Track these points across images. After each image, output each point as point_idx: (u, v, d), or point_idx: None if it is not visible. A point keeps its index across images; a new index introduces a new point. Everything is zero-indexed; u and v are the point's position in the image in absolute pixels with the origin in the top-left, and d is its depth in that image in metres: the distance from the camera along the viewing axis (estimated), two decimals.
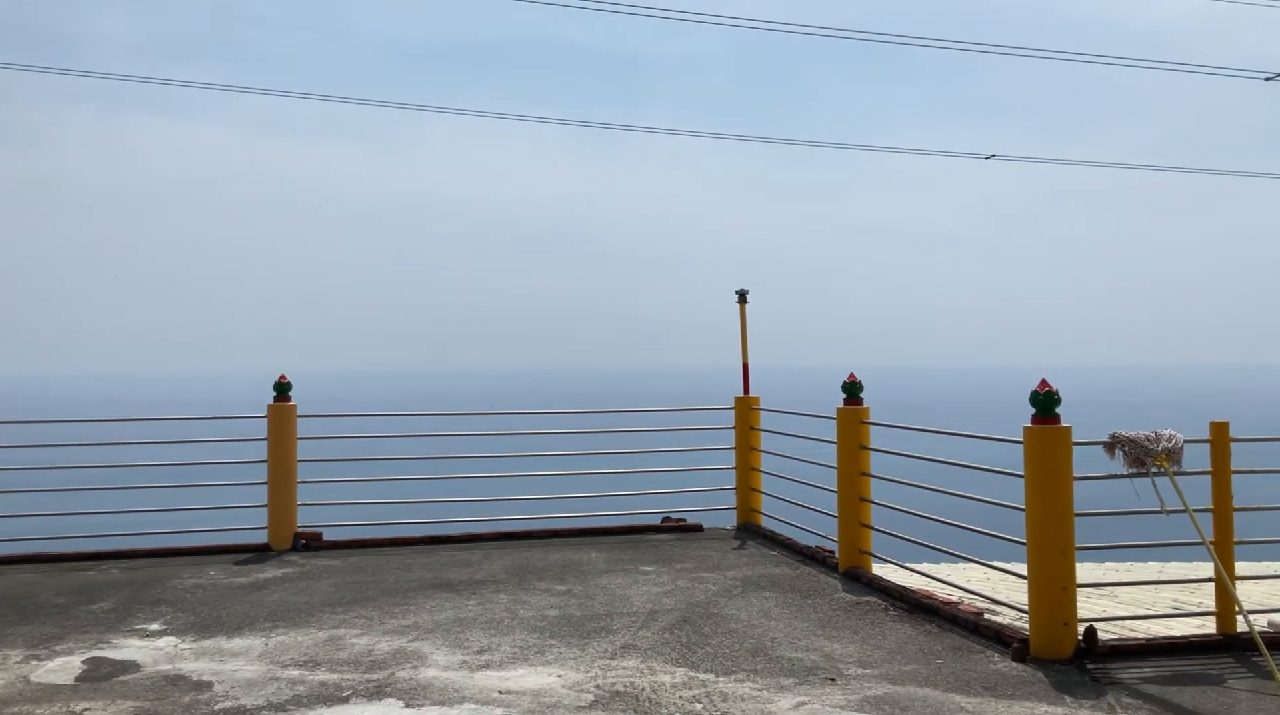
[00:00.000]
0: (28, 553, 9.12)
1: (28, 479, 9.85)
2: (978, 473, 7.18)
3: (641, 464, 10.78)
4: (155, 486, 9.85)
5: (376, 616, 6.99)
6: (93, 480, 9.88)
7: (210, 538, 9.58)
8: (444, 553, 9.26)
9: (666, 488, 11.03)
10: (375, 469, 10.62)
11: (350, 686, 5.48)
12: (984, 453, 7.26)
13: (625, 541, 9.76)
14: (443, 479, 10.77)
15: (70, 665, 5.93)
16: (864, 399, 8.35)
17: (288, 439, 9.52)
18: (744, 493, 10.35)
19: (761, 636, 6.42)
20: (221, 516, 9.81)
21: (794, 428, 9.78)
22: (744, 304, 10.35)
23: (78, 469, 9.88)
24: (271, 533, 9.46)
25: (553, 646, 6.22)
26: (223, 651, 6.18)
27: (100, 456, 10.14)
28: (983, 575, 9.68)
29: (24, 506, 9.75)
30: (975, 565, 8.40)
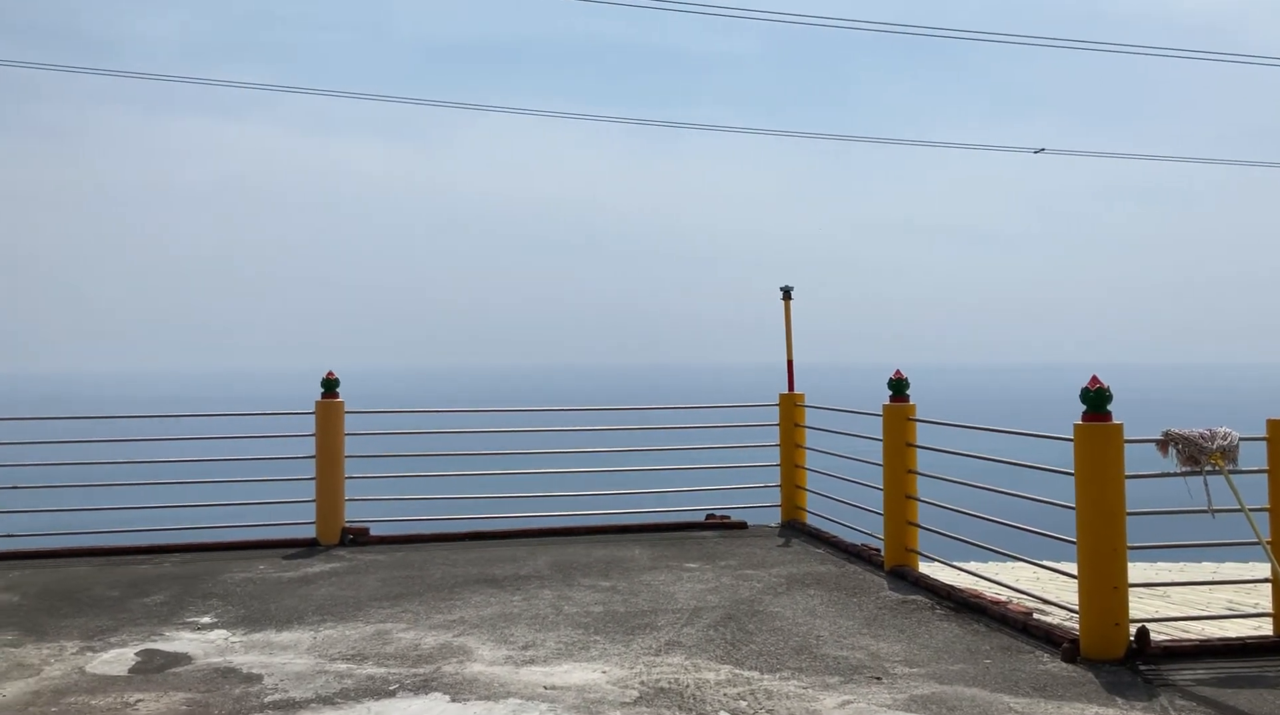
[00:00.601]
0: (82, 546, 9.30)
1: (82, 474, 10.05)
2: (1025, 471, 7.10)
3: (685, 461, 10.77)
4: (206, 482, 10.00)
5: (423, 611, 7.05)
6: (145, 475, 10.06)
7: (259, 532, 9.71)
8: (489, 549, 9.31)
9: (710, 485, 11.00)
10: (421, 465, 10.70)
11: (397, 680, 5.53)
12: (1032, 450, 7.17)
13: (669, 538, 9.76)
14: (487, 475, 10.83)
15: (124, 657, 6.04)
16: (910, 396, 8.28)
17: (335, 435, 9.62)
18: (788, 490, 10.31)
19: (806, 634, 6.39)
20: (270, 512, 9.93)
21: (839, 425, 9.72)
22: (788, 301, 10.31)
23: (130, 464, 10.06)
24: (320, 528, 9.57)
25: (597, 643, 6.23)
26: (272, 645, 6.26)
27: (152, 452, 10.31)
28: (1031, 574, 9.56)
29: (78, 501, 9.94)
30: (1024, 564, 8.29)
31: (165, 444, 10.15)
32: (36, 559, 8.96)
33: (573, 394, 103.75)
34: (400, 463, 10.59)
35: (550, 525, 10.17)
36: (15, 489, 9.57)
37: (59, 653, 6.13)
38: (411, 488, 10.44)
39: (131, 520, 9.96)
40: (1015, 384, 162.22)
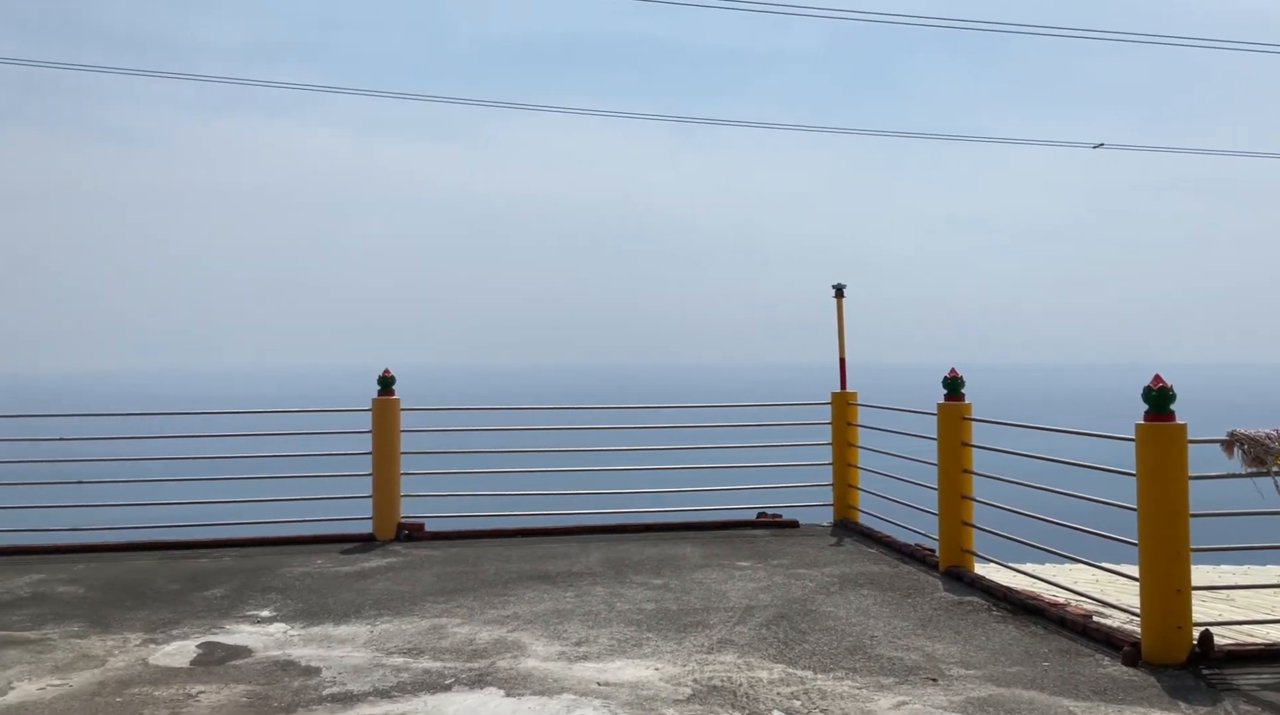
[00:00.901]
0: (144, 541, 9.50)
1: (144, 469, 10.27)
2: (1084, 471, 6.98)
3: (736, 459, 10.74)
4: (265, 477, 10.17)
5: (477, 606, 7.10)
6: (205, 471, 10.25)
7: (317, 527, 9.84)
8: (541, 545, 9.37)
9: (761, 483, 10.97)
10: (475, 462, 10.78)
11: (452, 675, 5.58)
12: (1089, 450, 7.06)
13: (720, 537, 9.74)
14: (540, 472, 10.89)
15: (186, 649, 6.16)
16: (965, 395, 8.19)
17: (391, 432, 9.73)
18: (841, 489, 10.24)
19: (860, 634, 6.34)
20: (328, 507, 10.08)
21: (892, 424, 9.64)
22: (841, 298, 10.24)
23: (191, 460, 10.26)
24: (376, 523, 9.69)
25: (649, 640, 6.24)
26: (330, 638, 6.35)
27: (212, 448, 10.50)
28: (1090, 576, 9.42)
29: (140, 496, 10.15)
30: (1082, 566, 8.17)
31: (225, 440, 10.33)
32: (100, 552, 9.17)
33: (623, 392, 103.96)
34: (454, 459, 10.69)
35: (602, 522, 10.21)
36: (80, 484, 9.79)
37: (123, 644, 6.27)
38: (465, 484, 10.53)
39: (192, 515, 10.16)
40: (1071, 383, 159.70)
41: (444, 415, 11.45)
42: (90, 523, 9.75)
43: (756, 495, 10.88)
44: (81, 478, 9.76)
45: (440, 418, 11.21)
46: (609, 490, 10.88)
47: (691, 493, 11.04)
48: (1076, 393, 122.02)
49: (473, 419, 11.57)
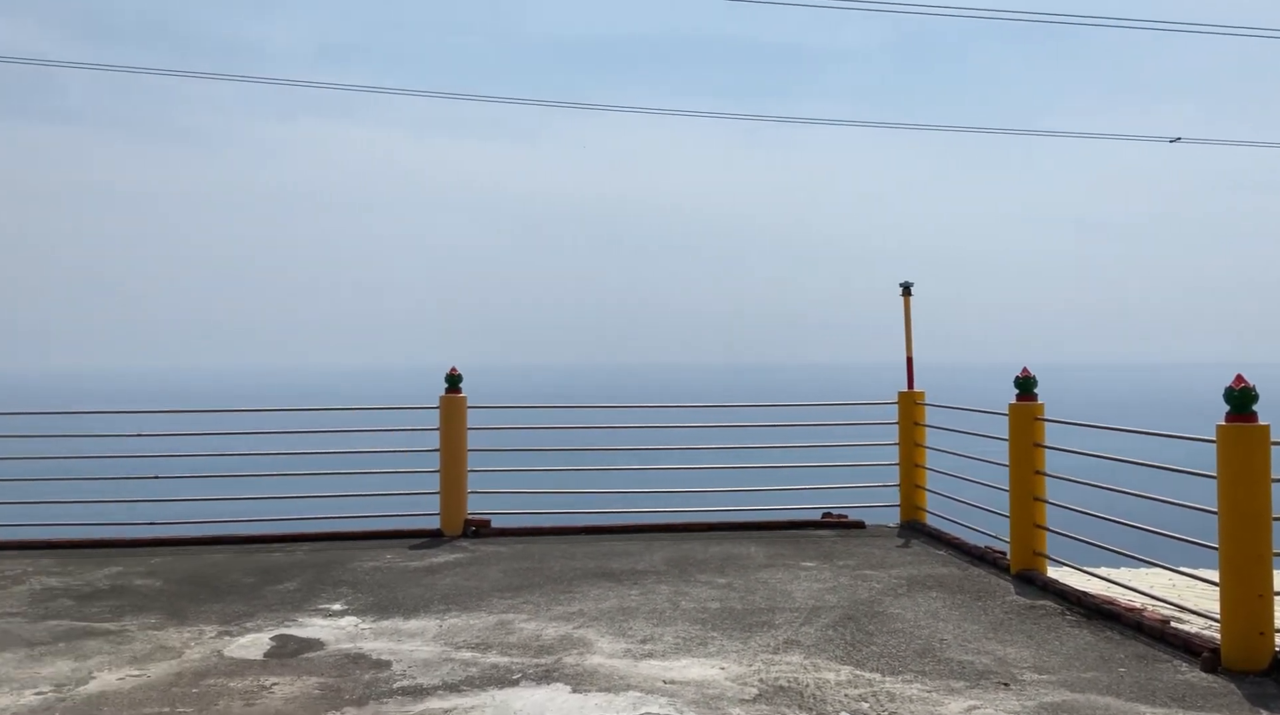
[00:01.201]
0: (219, 535, 9.70)
1: (219, 465, 10.50)
2: (1160, 473, 6.82)
3: (801, 459, 10.68)
4: (335, 473, 10.34)
5: (543, 603, 7.15)
6: (279, 467, 10.46)
7: (386, 523, 9.98)
8: (605, 542, 9.39)
9: (827, 483, 10.89)
10: (540, 459, 10.85)
11: (520, 670, 5.62)
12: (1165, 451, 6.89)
13: (785, 536, 9.68)
14: (604, 470, 10.92)
15: (260, 642, 6.28)
16: (1038, 395, 8.05)
17: (459, 429, 9.83)
18: (908, 490, 10.11)
19: (929, 637, 6.26)
20: (397, 503, 10.21)
21: (960, 424, 9.50)
22: (908, 297, 10.11)
23: (264, 456, 10.48)
24: (444, 519, 9.79)
25: (715, 639, 6.22)
26: (400, 632, 6.44)
27: (285, 444, 10.71)
28: (1167, 581, 9.20)
29: (216, 491, 10.38)
30: (1159, 570, 7.98)
31: (298, 436, 10.52)
32: (177, 546, 9.38)
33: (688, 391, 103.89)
34: (520, 457, 10.77)
35: (666, 521, 10.20)
36: (157, 479, 10.04)
37: (198, 636, 6.41)
38: (530, 482, 10.61)
39: (266, 510, 10.38)
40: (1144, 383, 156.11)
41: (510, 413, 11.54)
42: (167, 517, 9.99)
43: (821, 495, 10.80)
44: (158, 473, 10.01)
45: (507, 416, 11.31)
46: (673, 489, 10.88)
47: (755, 492, 10.99)
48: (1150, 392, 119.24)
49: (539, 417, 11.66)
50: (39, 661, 5.89)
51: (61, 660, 5.91)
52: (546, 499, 10.73)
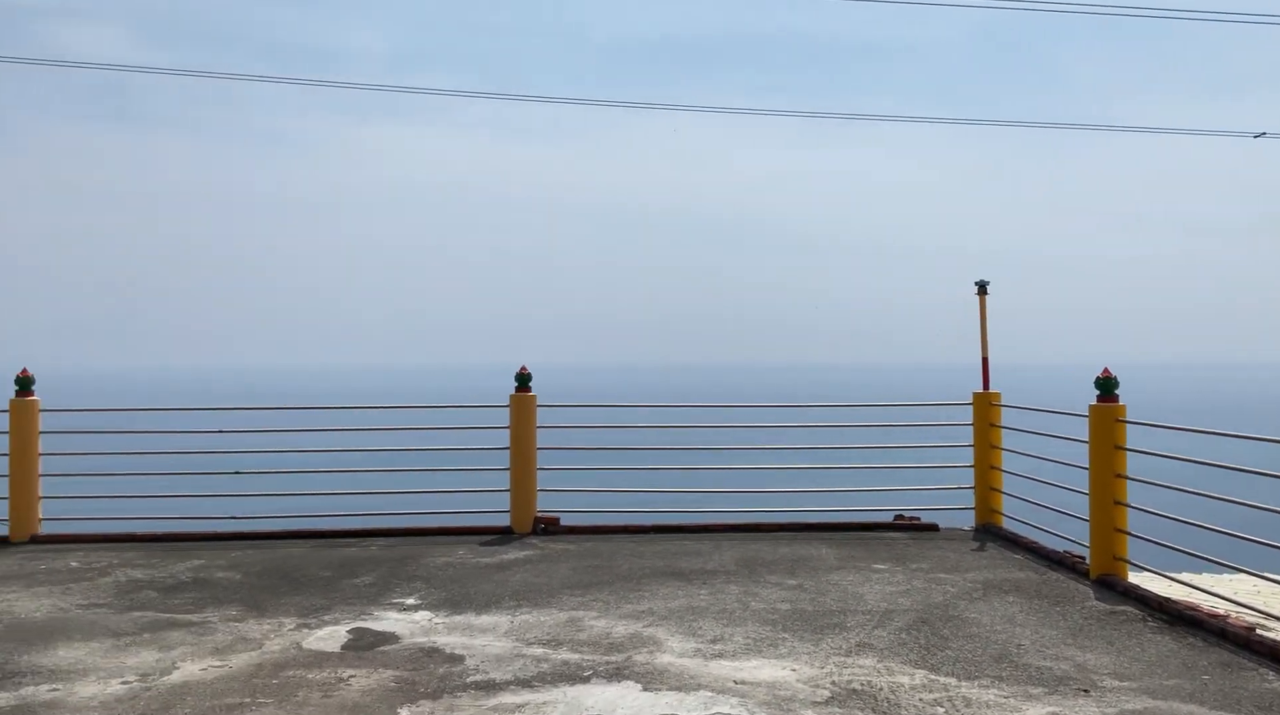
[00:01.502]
0: (297, 529, 9.89)
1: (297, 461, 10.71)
2: (1245, 476, 6.62)
3: (873, 460, 10.56)
4: (408, 470, 10.49)
5: (612, 601, 7.17)
6: (354, 463, 10.64)
7: (457, 520, 10.10)
8: (674, 542, 9.38)
9: (899, 485, 10.76)
10: (609, 458, 10.89)
11: (590, 667, 5.65)
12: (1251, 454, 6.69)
13: (856, 538, 9.58)
14: (672, 470, 10.92)
15: (337, 634, 6.39)
16: (1119, 396, 7.86)
17: (528, 428, 9.91)
18: (983, 492, 9.95)
19: (1006, 642, 6.15)
20: (467, 500, 10.32)
21: (1038, 426, 9.32)
22: (984, 296, 9.95)
23: (340, 453, 10.67)
24: (514, 516, 9.88)
25: (785, 640, 6.19)
26: (472, 627, 6.51)
27: (361, 441, 10.89)
28: (1252, 586, 8.94)
29: (293, 486, 10.59)
30: (1244, 575, 7.75)
31: (373, 434, 10.70)
32: (256, 540, 9.59)
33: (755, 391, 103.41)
34: (589, 456, 10.82)
35: (735, 521, 10.16)
36: (238, 474, 10.28)
37: (278, 629, 6.55)
38: (599, 480, 10.64)
39: (341, 505, 10.56)
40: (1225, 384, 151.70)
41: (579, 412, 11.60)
42: (246, 511, 10.22)
43: (893, 497, 10.68)
44: (239, 468, 10.24)
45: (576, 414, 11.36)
46: (742, 489, 10.84)
47: (826, 493, 10.89)
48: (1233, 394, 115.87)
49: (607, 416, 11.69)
50: (125, 651, 6.07)
51: (146, 651, 6.08)
52: (615, 497, 10.76)
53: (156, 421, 11.03)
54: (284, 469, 10.61)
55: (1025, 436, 9.53)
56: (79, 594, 7.50)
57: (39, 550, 9.15)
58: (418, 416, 11.05)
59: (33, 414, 9.70)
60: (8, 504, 9.56)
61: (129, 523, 9.98)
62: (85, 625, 6.64)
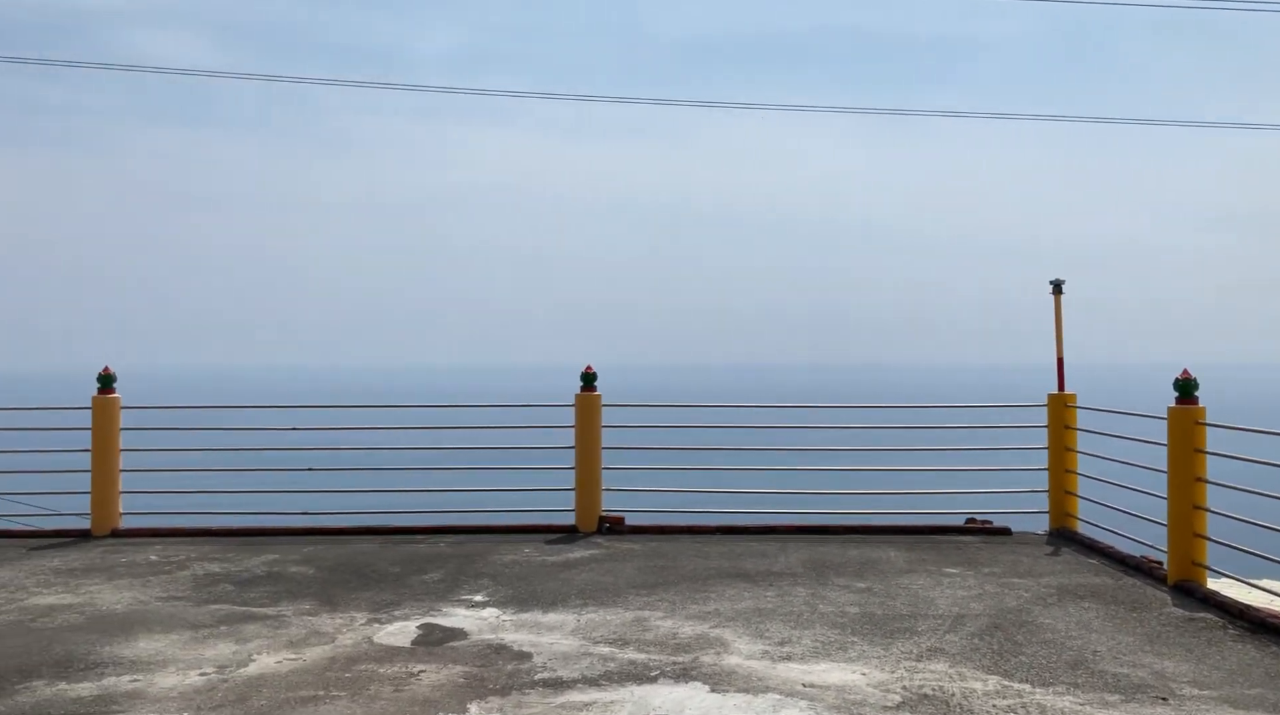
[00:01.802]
0: (367, 526, 10.04)
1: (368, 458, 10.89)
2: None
3: (942, 462, 10.42)
4: (474, 468, 10.60)
5: (678, 601, 7.16)
6: (422, 461, 10.77)
7: (523, 518, 10.17)
8: (739, 543, 9.34)
9: (970, 488, 10.59)
10: (674, 458, 10.89)
11: (657, 667, 5.64)
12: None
13: (926, 542, 9.45)
14: (737, 470, 10.88)
15: (407, 630, 6.48)
16: (1198, 398, 7.66)
17: (593, 427, 9.94)
18: (1057, 496, 9.74)
19: (1081, 649, 6.02)
20: (533, 498, 10.39)
21: (1114, 428, 9.11)
22: (1059, 295, 9.75)
23: (409, 450, 10.81)
24: (578, 515, 9.92)
25: (855, 644, 6.12)
26: (539, 625, 6.54)
27: (428, 440, 11.03)
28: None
29: (364, 483, 10.75)
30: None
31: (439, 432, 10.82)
32: (327, 535, 9.75)
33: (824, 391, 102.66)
34: (654, 455, 10.83)
35: (801, 522, 10.08)
36: (310, 471, 10.46)
37: (350, 623, 6.65)
38: (664, 480, 10.64)
39: (410, 502, 10.70)
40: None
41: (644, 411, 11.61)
42: (318, 507, 10.41)
43: (964, 500, 10.52)
44: (311, 465, 10.43)
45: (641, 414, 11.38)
46: (808, 490, 10.75)
47: (895, 496, 10.75)
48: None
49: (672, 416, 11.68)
50: (203, 643, 6.21)
51: (223, 643, 6.21)
52: (680, 497, 10.75)
53: (232, 418, 11.28)
54: (355, 466, 10.78)
55: (1102, 438, 9.33)
56: (158, 587, 7.69)
57: (120, 544, 9.41)
58: (484, 415, 11.16)
59: (114, 411, 9.96)
60: (90, 498, 9.84)
61: (206, 517, 10.22)
62: (165, 617, 6.81)
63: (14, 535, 9.96)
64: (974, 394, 71.60)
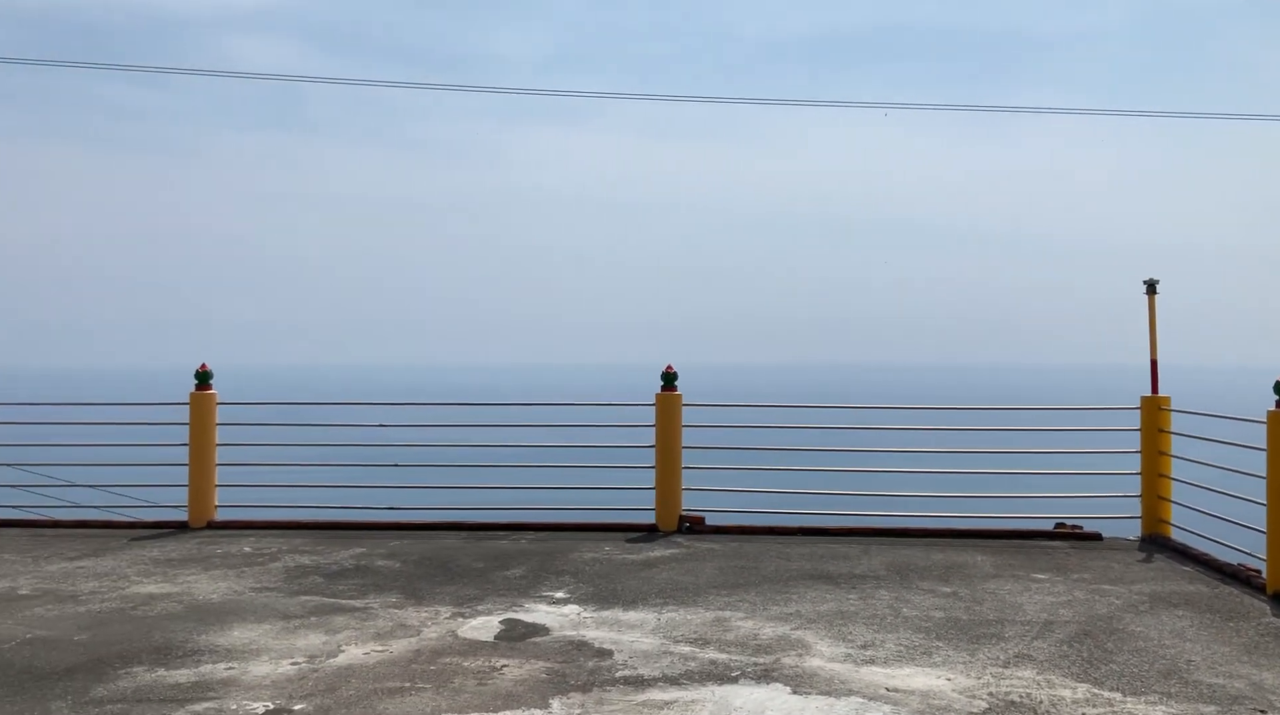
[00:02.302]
0: (451, 521, 10.19)
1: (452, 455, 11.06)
2: None
3: (1030, 466, 10.20)
4: (557, 466, 10.69)
5: (759, 602, 7.13)
6: (504, 458, 10.91)
7: (604, 516, 10.22)
8: (821, 544, 9.27)
9: (1059, 492, 10.35)
10: (755, 458, 10.85)
11: (738, 668, 5.64)
12: None
13: (1013, 546, 9.26)
14: (819, 472, 10.79)
15: (490, 625, 6.57)
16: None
17: (674, 426, 9.96)
18: (1150, 501, 9.48)
19: (1175, 658, 5.86)
20: (614, 497, 10.44)
21: (1211, 432, 8.83)
22: (1153, 295, 9.49)
23: (492, 448, 10.95)
24: (659, 514, 9.94)
25: (939, 649, 6.04)
26: (620, 623, 6.58)
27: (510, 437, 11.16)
28: None
29: (449, 480, 10.92)
30: None
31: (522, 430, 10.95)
32: (413, 530, 9.93)
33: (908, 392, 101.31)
34: (734, 455, 10.81)
35: (883, 525, 9.96)
36: (396, 467, 10.66)
37: (434, 616, 6.77)
38: (744, 480, 10.60)
39: (493, 499, 10.84)
40: None
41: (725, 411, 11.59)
42: (404, 502, 10.60)
43: (1052, 505, 10.29)
44: (397, 461, 10.63)
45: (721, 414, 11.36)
46: (892, 492, 10.62)
47: (980, 499, 10.57)
48: None
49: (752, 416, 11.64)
50: (294, 634, 6.37)
51: (313, 634, 6.37)
52: (761, 498, 10.70)
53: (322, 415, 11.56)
54: (439, 463, 10.96)
55: (1198, 443, 9.05)
56: (251, 578, 7.92)
57: (215, 535, 9.70)
58: (566, 414, 11.26)
59: (211, 407, 10.28)
60: (188, 491, 10.17)
61: (297, 511, 10.48)
62: (258, 608, 7.01)
63: (117, 526, 10.35)
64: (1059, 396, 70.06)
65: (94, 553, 8.84)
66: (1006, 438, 10.56)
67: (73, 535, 9.71)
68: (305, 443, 11.26)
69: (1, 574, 8.04)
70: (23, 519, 10.93)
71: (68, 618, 6.74)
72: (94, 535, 9.71)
